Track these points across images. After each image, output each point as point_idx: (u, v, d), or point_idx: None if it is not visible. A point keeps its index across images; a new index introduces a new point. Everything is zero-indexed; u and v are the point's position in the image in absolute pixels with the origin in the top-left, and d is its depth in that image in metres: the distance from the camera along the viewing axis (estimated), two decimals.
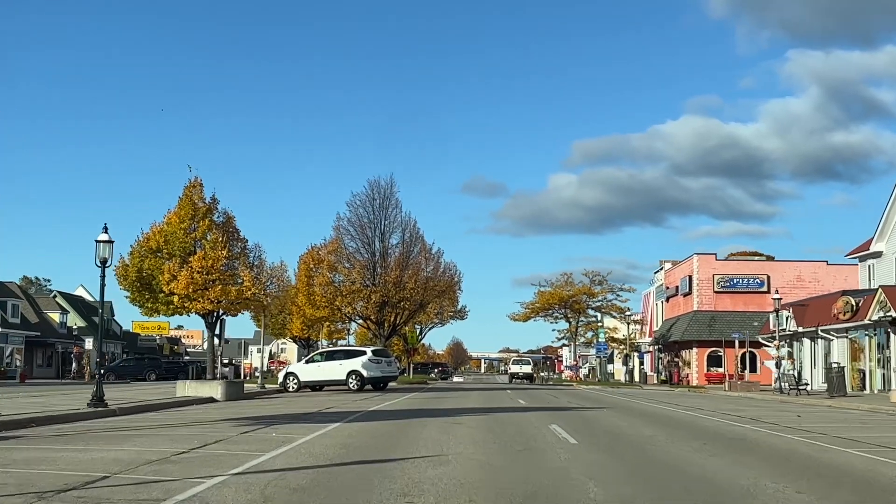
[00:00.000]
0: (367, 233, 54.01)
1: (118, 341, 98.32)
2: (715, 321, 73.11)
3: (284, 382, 44.75)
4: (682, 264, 78.69)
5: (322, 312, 52.62)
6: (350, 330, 73.00)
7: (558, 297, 72.93)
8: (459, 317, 75.26)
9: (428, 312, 70.09)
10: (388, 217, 54.43)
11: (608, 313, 76.43)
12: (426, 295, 54.44)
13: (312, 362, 45.40)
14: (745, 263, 74.83)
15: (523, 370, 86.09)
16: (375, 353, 44.68)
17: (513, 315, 76.43)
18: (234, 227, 37.69)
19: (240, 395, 35.57)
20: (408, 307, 53.80)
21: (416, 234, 54.87)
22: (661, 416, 23.70)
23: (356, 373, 43.50)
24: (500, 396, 36.34)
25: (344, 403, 28.36)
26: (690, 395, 46.11)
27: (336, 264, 52.86)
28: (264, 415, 22.14)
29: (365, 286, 52.80)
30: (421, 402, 29.55)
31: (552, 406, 27.64)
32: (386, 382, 45.79)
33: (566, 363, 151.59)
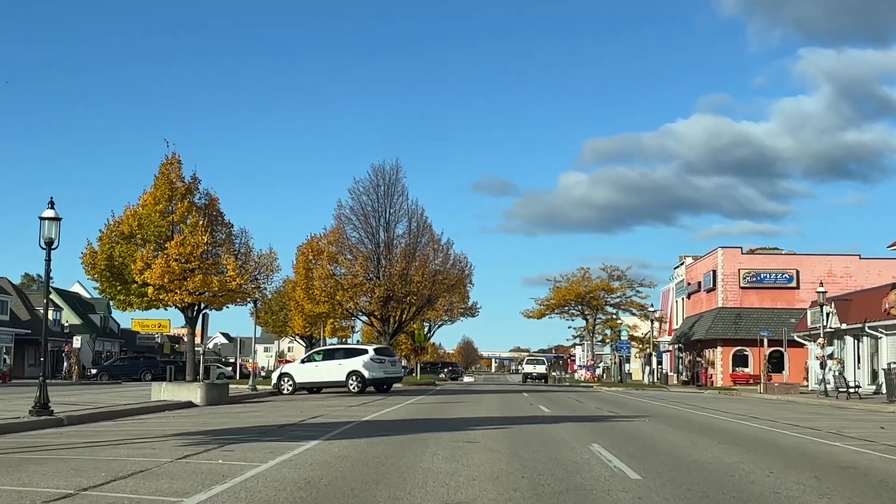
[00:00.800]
0: (371, 222, 49.69)
1: (115, 339, 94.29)
2: (741, 318, 68.65)
3: (278, 384, 40.56)
4: (705, 258, 74.19)
5: (321, 308, 48.31)
6: (355, 328, 68.74)
7: (575, 292, 68.41)
8: (470, 314, 70.88)
9: (437, 309, 65.68)
10: (393, 205, 50.16)
11: (627, 310, 71.94)
12: (434, 289, 50.07)
13: (310, 362, 41.18)
14: (772, 257, 70.31)
15: (537, 370, 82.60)
16: (378, 352, 40.43)
17: (526, 312, 72.22)
18: (218, 211, 33.44)
19: (223, 398, 31.33)
20: (414, 302, 49.45)
21: (423, 223, 50.60)
22: (721, 429, 19.28)
23: (357, 373, 39.29)
24: (518, 401, 31.99)
25: (336, 410, 24.05)
26: (725, 398, 41.68)
27: (337, 256, 48.56)
28: (232, 427, 17.85)
29: (368, 279, 48.47)
30: (427, 409, 25.20)
31: (582, 415, 23.25)
32: (390, 384, 41.52)
33: (579, 362, 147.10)
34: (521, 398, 34.38)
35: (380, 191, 50.09)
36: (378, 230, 49.73)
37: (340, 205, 49.46)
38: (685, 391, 48.82)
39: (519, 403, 29.28)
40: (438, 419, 20.19)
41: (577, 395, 38.89)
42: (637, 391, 47.11)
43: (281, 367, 42.01)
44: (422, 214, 50.47)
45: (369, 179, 50.11)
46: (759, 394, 45.58)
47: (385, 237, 49.59)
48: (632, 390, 47.72)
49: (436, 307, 61.54)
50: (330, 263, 48.16)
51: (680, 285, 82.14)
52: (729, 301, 69.35)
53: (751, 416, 24.29)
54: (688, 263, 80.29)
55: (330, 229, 49.37)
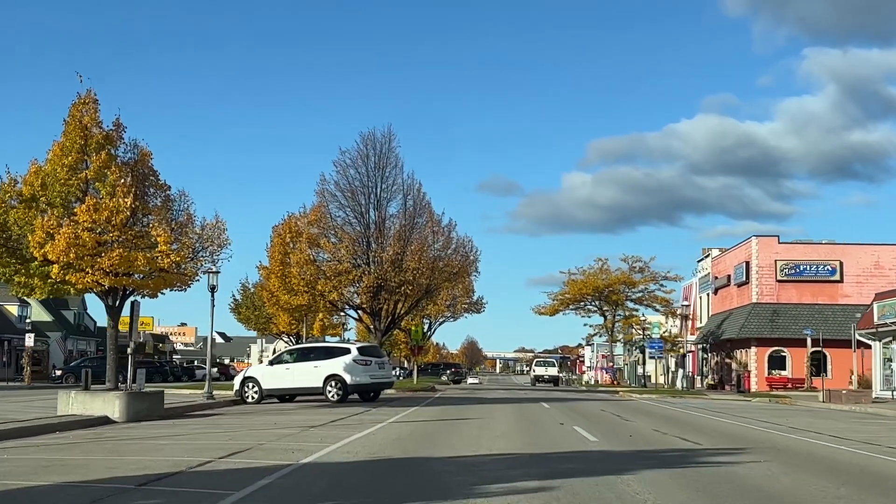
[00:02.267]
0: (359, 199, 41.70)
1: (91, 338, 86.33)
2: (778, 315, 60.57)
3: (241, 391, 32.74)
4: (736, 249, 66.07)
5: (300, 299, 40.35)
6: (347, 324, 60.78)
7: (592, 286, 60.34)
8: (475, 309, 62.83)
9: (437, 303, 57.73)
10: (385, 179, 42.14)
11: (650, 306, 63.81)
12: (433, 278, 42.00)
13: (280, 363, 33.28)
14: (812, 247, 62.17)
15: (549, 373, 76.45)
16: (363, 352, 32.49)
17: (538, 308, 64.05)
18: (150, 169, 25.43)
19: (154, 411, 23.46)
20: (410, 293, 41.41)
21: (420, 200, 42.53)
22: None
23: (336, 378, 31.46)
24: (541, 417, 23.97)
25: (281, 438, 16.07)
26: (789, 409, 33.66)
27: (318, 238, 40.57)
28: (66, 482, 9.90)
29: (355, 266, 40.48)
30: (415, 436, 17.20)
31: (655, 449, 15.16)
32: (378, 391, 33.59)
33: (588, 363, 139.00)
34: (544, 412, 26.33)
35: (370, 163, 42.14)
36: (367, 209, 41.76)
37: (323, 179, 41.50)
38: (729, 399, 40.78)
39: (544, 422, 21.23)
40: (428, 465, 12.13)
41: (610, 406, 30.84)
42: (674, 399, 39.13)
43: (245, 369, 34.01)
44: (419, 190, 42.53)
45: (357, 150, 42.19)
46: (823, 402, 37.51)
47: (376, 217, 41.61)
48: (667, 397, 39.75)
49: (436, 300, 53.56)
50: (310, 247, 40.17)
51: (705, 279, 74.01)
52: (764, 296, 61.27)
53: (872, 441, 16.31)
54: (714, 255, 72.14)
55: (311, 207, 41.40)
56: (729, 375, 66.32)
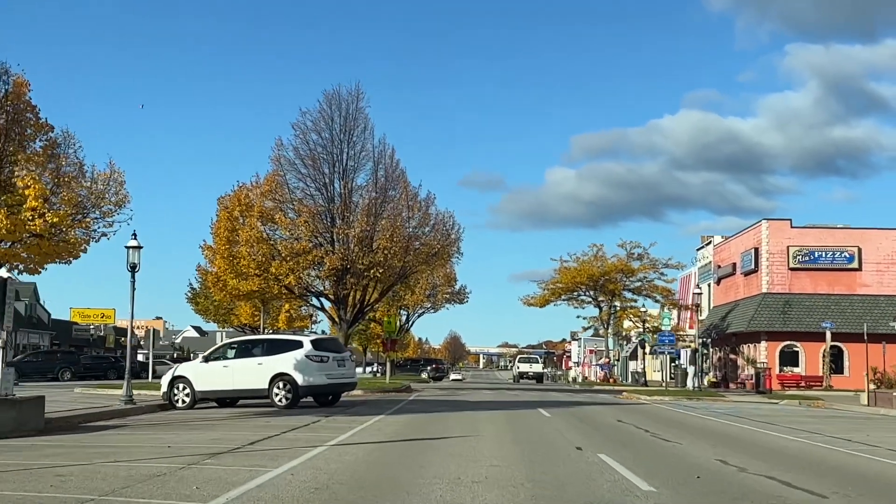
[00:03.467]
0: (322, 167, 35.36)
1: (45, 331, 79.53)
2: (790, 307, 54.64)
3: (170, 393, 26.43)
4: (742, 235, 60.02)
5: (250, 284, 33.92)
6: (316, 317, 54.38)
7: (587, 273, 54.05)
8: (458, 300, 56.62)
9: (415, 291, 51.52)
10: (352, 145, 35.81)
11: (649, 296, 57.62)
12: (409, 259, 35.65)
13: (217, 360, 26.82)
14: (829, 232, 56.16)
15: (533, 369, 73.42)
16: (319, 346, 26.18)
17: (527, 299, 57.80)
18: (27, 103, 18.98)
19: (28, 423, 17.24)
20: (381, 277, 35.07)
21: (393, 170, 36.18)
22: None
23: (285, 378, 25.28)
24: (544, 432, 17.73)
25: (125, 486, 9.69)
26: (828, 414, 27.54)
27: (273, 212, 34.18)
28: None
29: (316, 245, 34.15)
30: (357, 479, 10.82)
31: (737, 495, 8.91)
32: (337, 393, 27.29)
33: (576, 359, 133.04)
34: (546, 424, 19.96)
35: (334, 126, 35.79)
36: (332, 179, 35.42)
37: (280, 144, 35.15)
38: (752, 401, 34.59)
39: (554, 446, 14.88)
40: None
41: (626, 414, 24.55)
42: (690, 401, 32.89)
43: (175, 367, 27.57)
44: (392, 156, 36.15)
45: (320, 111, 35.83)
46: (867, 406, 31.44)
47: (341, 188, 35.27)
48: (681, 399, 33.51)
49: (412, 287, 47.28)
50: (263, 223, 33.81)
51: (705, 269, 68.02)
52: (775, 285, 55.27)
53: None
54: (717, 243, 66.13)
55: (265, 177, 34.92)
56: (734, 372, 60.36)
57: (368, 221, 33.88)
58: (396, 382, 39.36)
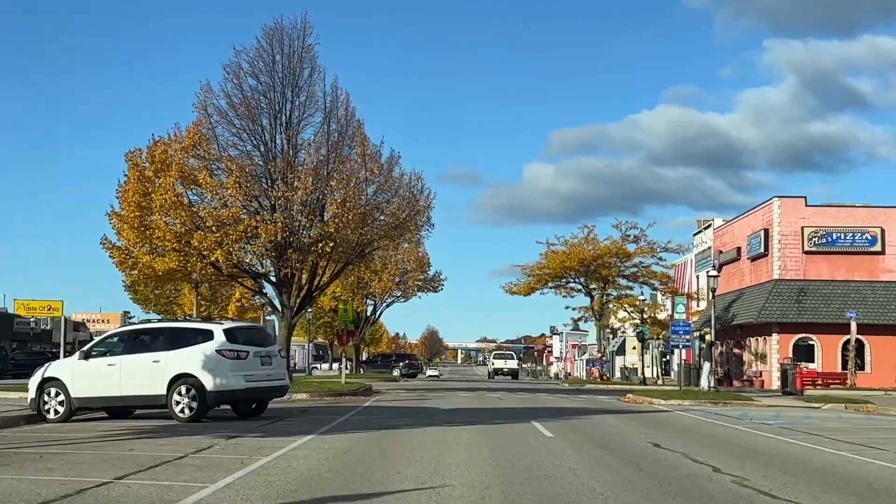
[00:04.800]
0: (260, 119, 28.27)
1: None
2: (805, 295, 48.08)
3: (39, 400, 19.52)
4: (749, 215, 53.34)
5: (167, 262, 26.76)
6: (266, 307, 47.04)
7: (577, 258, 47.07)
8: (431, 288, 49.62)
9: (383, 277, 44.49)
10: (297, 91, 28.70)
11: (647, 283, 50.74)
12: (367, 231, 28.57)
13: (100, 356, 19.68)
14: (848, 211, 49.55)
15: (508, 365, 72.53)
16: (234, 336, 19.16)
17: (510, 287, 50.64)
18: None
19: None
20: (331, 254, 28.03)
21: (348, 121, 29.07)
22: None
23: (189, 381, 18.47)
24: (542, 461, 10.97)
25: None
26: None
27: (196, 172, 27.04)
28: None
29: (250, 212, 27.10)
30: None
31: None
32: (263, 399, 20.24)
33: (558, 353, 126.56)
34: (552, 455, 12.84)
35: (276, 68, 28.65)
36: (273, 133, 28.35)
37: (208, 89, 27.93)
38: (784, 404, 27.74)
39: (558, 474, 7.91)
40: None
41: (654, 430, 17.57)
42: (715, 406, 26.01)
43: (46, 366, 20.43)
44: (347, 106, 29.02)
45: (259, 50, 28.68)
46: None
47: (283, 142, 28.18)
48: (703, 403, 26.63)
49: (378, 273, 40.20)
50: (183, 184, 26.68)
51: (703, 256, 61.37)
52: (788, 271, 48.66)
53: None
54: (717, 226, 59.47)
55: (187, 129, 27.67)
56: (739, 368, 53.77)
57: (316, 184, 26.79)
58: (355, 383, 32.32)
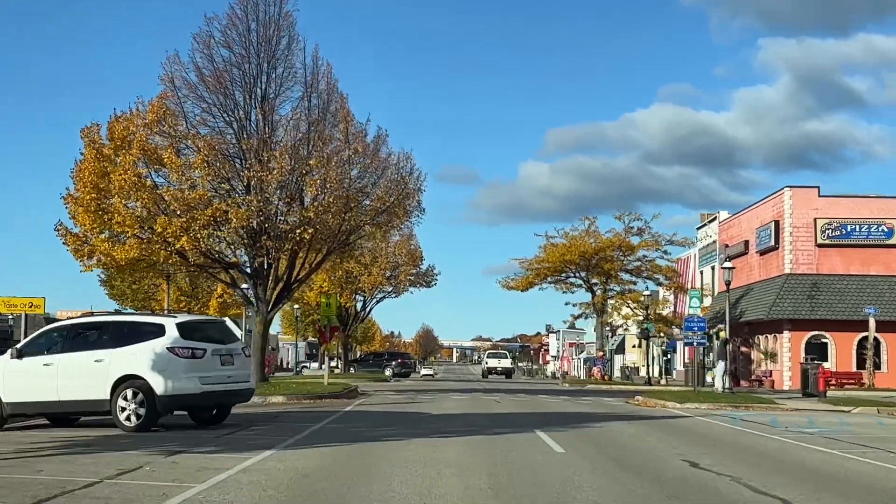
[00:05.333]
0: (234, 93, 25.47)
1: None
2: (818, 290, 45.36)
3: None
4: (758, 207, 50.60)
5: (128, 250, 23.95)
6: None
7: (578, 251, 44.23)
8: (424, 283, 46.83)
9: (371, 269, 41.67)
10: (274, 63, 25.88)
11: (650, 278, 47.96)
12: (351, 217, 25.76)
13: (35, 354, 16.79)
14: (863, 202, 46.82)
15: (502, 365, 71.05)
16: (189, 331, 16.35)
17: (506, 282, 47.81)
18: None
19: None
20: (311, 241, 25.23)
21: (330, 94, 26.23)
22: None
23: (136, 384, 15.64)
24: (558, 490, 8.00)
25: None
26: None
27: (160, 150, 24.21)
28: None
29: (220, 195, 24.29)
30: None
31: None
32: (222, 406, 17.42)
33: (554, 352, 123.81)
34: (567, 481, 10.11)
35: (251, 37, 25.81)
36: (249, 109, 25.52)
37: (176, 60, 25.09)
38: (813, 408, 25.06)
39: None
40: None
41: (693, 446, 14.66)
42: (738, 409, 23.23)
43: None
44: (329, 79, 26.21)
45: (231, 17, 25.83)
46: None
47: (258, 118, 25.35)
48: (723, 406, 23.81)
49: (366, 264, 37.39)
50: (146, 163, 23.86)
51: (707, 250, 58.64)
52: (800, 264, 45.95)
53: None
54: (723, 219, 56.74)
55: (150, 101, 24.84)
56: (747, 367, 51.09)
57: (293, 164, 23.99)
58: (339, 384, 29.52)
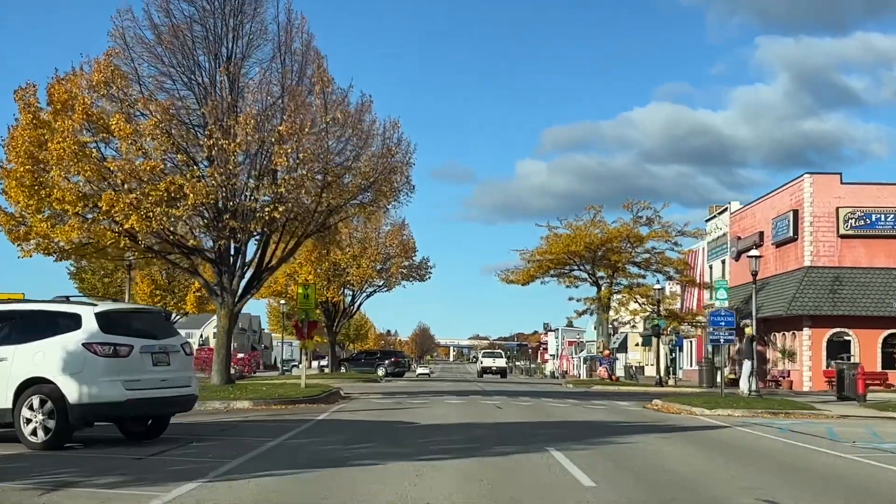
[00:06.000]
0: (194, 50, 21.94)
1: None
2: (841, 283, 41.86)
3: None
4: (774, 195, 47.07)
5: (69, 231, 20.41)
6: None
7: (583, 242, 40.63)
8: (417, 276, 43.29)
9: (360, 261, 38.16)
10: (242, 15, 22.35)
11: (660, 271, 44.30)
12: (329, 194, 22.17)
13: None
14: (889, 189, 43.10)
15: (496, 364, 70.48)
16: (109, 322, 12.78)
17: (506, 275, 44.00)
18: None
19: None
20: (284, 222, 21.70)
21: (305, 54, 22.66)
22: None
23: (44, 388, 12.03)
24: None
25: None
26: None
27: (108, 115, 20.68)
28: None
29: (177, 166, 20.76)
30: None
31: None
32: (160, 416, 13.94)
33: (553, 350, 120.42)
34: None
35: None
36: (213, 69, 21.99)
37: (127, 14, 21.55)
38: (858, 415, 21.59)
39: None
40: None
41: (763, 475, 11.19)
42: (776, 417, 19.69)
43: None
44: (303, 30, 22.64)
45: None
46: None
47: (221, 77, 21.79)
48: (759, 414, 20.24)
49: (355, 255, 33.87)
50: (91, 130, 20.34)
51: (717, 243, 55.15)
52: (821, 257, 42.45)
53: None
54: (734, 210, 53.27)
55: (96, 60, 21.28)
56: (762, 367, 47.50)
57: (261, 132, 20.49)
58: (318, 386, 25.83)
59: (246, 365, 38.72)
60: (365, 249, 39.70)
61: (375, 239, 40.17)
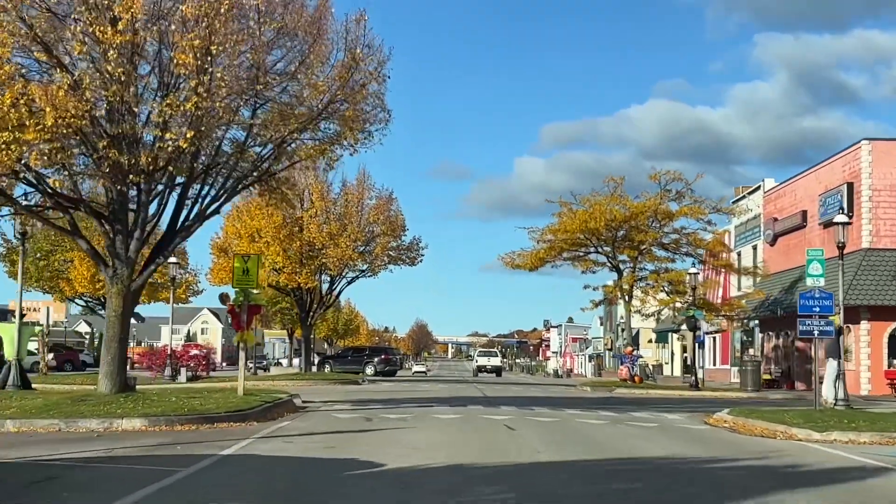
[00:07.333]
0: None
1: None
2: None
3: None
4: (821, 168, 39.96)
5: None
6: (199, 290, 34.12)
7: (604, 219, 33.23)
8: (408, 260, 36.24)
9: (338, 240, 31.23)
10: None
11: (691, 254, 37.00)
12: (274, 123, 15.10)
13: None
14: None
15: (491, 363, 71.04)
16: None
17: (512, 259, 36.63)
18: None
19: None
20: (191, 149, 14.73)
21: None
22: None
23: None
24: None
25: None
26: None
27: None
28: None
29: (33, 72, 13.76)
30: None
31: None
32: None
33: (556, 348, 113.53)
34: None
35: None
36: None
37: None
38: None
39: None
40: None
41: None
42: None
43: None
44: None
45: None
46: None
47: None
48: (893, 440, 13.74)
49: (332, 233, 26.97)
50: None
51: (747, 226, 48.12)
52: (881, 237, 35.57)
53: None
54: (769, 188, 46.22)
55: None
56: (803, 367, 40.60)
57: (156, 19, 13.50)
58: (259, 396, 18.49)
59: (200, 364, 31.77)
60: (345, 227, 32.79)
61: (359, 216, 33.26)
